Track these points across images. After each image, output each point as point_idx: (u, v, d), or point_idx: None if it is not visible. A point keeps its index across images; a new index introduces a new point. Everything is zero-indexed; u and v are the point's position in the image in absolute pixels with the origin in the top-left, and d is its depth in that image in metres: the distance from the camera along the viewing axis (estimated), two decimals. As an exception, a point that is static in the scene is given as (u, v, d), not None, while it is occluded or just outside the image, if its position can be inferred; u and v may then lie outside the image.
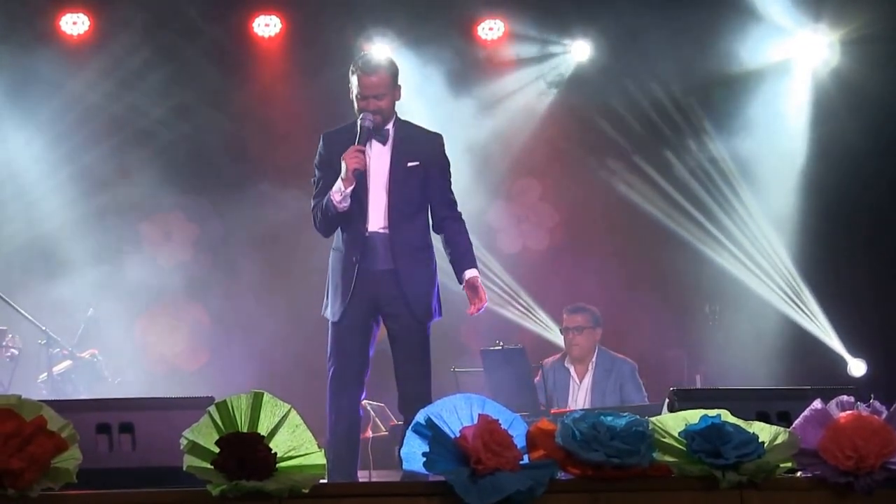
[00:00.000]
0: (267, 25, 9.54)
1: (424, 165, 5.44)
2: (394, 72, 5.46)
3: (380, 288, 5.34)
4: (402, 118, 5.55)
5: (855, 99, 9.20)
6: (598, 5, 9.45)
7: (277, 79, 9.56)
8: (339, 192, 5.29)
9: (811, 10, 9.28)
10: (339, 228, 5.44)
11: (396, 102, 5.48)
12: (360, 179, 5.34)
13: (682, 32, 9.20)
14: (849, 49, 9.28)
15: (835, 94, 9.34)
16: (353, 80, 5.43)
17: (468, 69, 9.58)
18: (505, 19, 9.67)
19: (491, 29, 9.71)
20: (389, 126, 5.45)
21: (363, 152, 5.32)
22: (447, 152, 5.57)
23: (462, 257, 5.49)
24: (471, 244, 5.56)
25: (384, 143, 5.42)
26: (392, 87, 5.44)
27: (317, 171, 5.52)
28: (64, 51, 9.26)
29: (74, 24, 9.30)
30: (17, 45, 9.03)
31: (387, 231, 5.36)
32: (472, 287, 5.44)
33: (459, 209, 5.59)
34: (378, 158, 5.42)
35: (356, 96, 5.42)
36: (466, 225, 5.60)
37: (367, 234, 5.35)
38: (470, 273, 5.45)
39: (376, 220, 5.37)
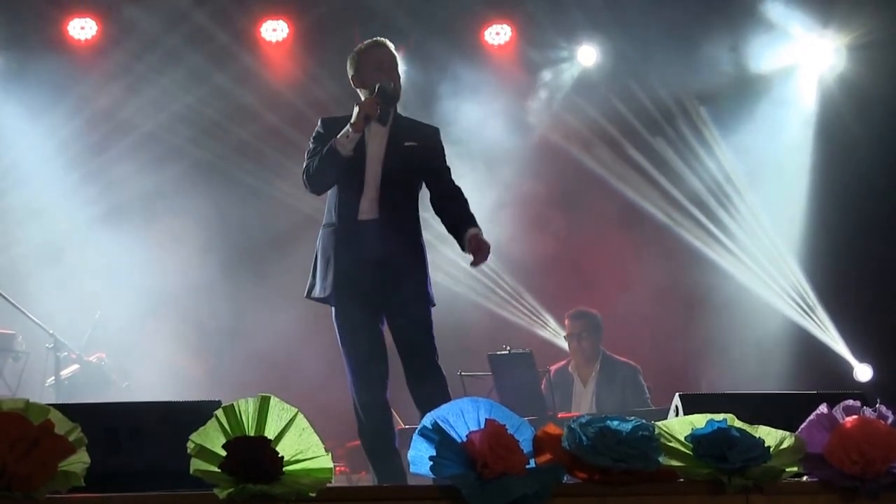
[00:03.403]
0: (274, 30, 9.56)
1: (421, 148, 5.36)
2: (396, 56, 5.47)
3: (374, 278, 5.19)
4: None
5: (861, 104, 9.21)
6: (604, 11, 9.45)
7: (284, 83, 9.57)
8: (346, 136, 5.17)
9: (818, 15, 9.28)
10: (333, 208, 5.30)
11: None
12: (359, 160, 5.24)
13: (688, 37, 9.21)
14: (855, 54, 9.28)
15: (841, 100, 9.34)
16: (362, 57, 5.41)
17: (475, 74, 9.58)
18: (512, 24, 9.68)
19: (498, 34, 9.72)
20: (391, 111, 5.37)
21: (378, 104, 5.23)
22: (447, 152, 5.52)
23: (464, 220, 5.32)
24: (470, 212, 5.37)
25: (384, 125, 5.33)
26: (397, 68, 5.43)
27: (312, 143, 5.40)
28: (72, 56, 9.29)
29: (82, 29, 9.33)
30: (25, 51, 9.09)
31: (379, 218, 5.22)
32: (476, 240, 5.22)
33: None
34: (375, 138, 5.32)
35: (371, 68, 5.36)
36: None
37: (359, 218, 5.23)
38: (472, 231, 5.26)
39: (370, 203, 5.23)
